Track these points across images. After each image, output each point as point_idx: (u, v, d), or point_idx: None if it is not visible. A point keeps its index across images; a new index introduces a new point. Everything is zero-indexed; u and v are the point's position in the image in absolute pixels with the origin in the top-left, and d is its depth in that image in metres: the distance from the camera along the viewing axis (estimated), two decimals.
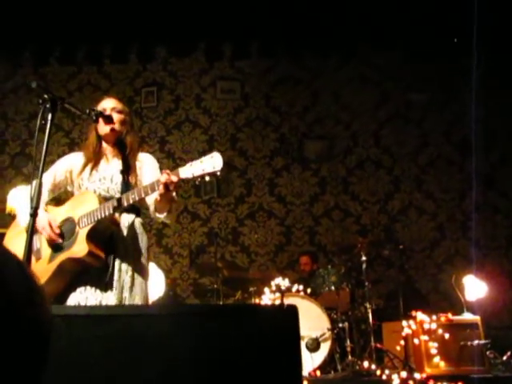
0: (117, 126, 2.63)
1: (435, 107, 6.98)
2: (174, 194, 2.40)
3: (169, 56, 7.37)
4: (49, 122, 2.09)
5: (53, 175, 2.66)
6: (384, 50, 6.94)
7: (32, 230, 1.98)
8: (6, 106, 7.39)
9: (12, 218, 2.65)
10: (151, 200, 2.51)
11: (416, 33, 6.54)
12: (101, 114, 2.52)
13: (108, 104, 2.69)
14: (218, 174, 2.16)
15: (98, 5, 6.08)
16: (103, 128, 2.62)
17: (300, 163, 7.01)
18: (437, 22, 6.33)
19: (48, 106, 2.09)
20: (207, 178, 2.18)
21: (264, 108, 7.23)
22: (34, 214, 1.99)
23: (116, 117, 2.64)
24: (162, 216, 2.49)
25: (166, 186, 2.22)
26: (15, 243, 2.52)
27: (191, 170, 2.19)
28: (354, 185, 6.90)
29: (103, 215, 2.36)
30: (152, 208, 2.54)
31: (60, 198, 2.85)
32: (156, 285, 5.09)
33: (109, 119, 2.57)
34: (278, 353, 1.35)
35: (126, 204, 2.36)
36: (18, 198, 2.55)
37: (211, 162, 2.17)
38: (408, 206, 6.79)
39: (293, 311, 1.41)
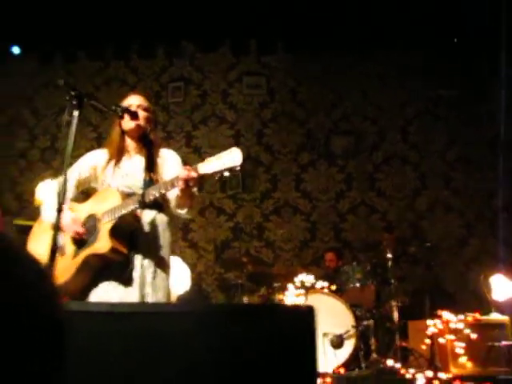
0: (142, 123, 2.65)
1: (465, 104, 6.85)
2: (195, 189, 2.41)
3: (196, 51, 7.39)
4: (75, 119, 2.12)
5: (78, 172, 2.69)
6: (413, 48, 6.82)
7: (58, 226, 2.01)
8: (36, 101, 7.53)
9: (40, 211, 2.70)
10: (172, 196, 2.52)
11: (444, 30, 6.44)
12: (126, 110, 2.54)
13: (134, 101, 2.71)
14: (238, 169, 2.16)
15: (127, 2, 6.14)
16: (128, 123, 2.63)
17: (326, 159, 6.97)
18: (463, 21, 6.22)
19: (75, 102, 2.13)
20: (226, 174, 2.18)
21: (290, 103, 7.20)
22: (59, 210, 2.03)
23: (141, 114, 2.66)
24: (183, 212, 2.51)
25: (186, 181, 2.23)
26: (41, 239, 2.57)
27: (210, 165, 2.20)
28: (380, 181, 6.83)
29: (125, 212, 2.39)
30: (173, 204, 2.56)
31: (88, 193, 2.89)
32: (181, 279, 5.13)
33: (134, 115, 2.59)
34: (294, 353, 1.35)
35: (147, 200, 2.38)
36: (45, 191, 2.60)
37: (231, 158, 2.17)
38: (435, 202, 6.70)
39: (310, 312, 1.40)
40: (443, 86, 6.87)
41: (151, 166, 2.62)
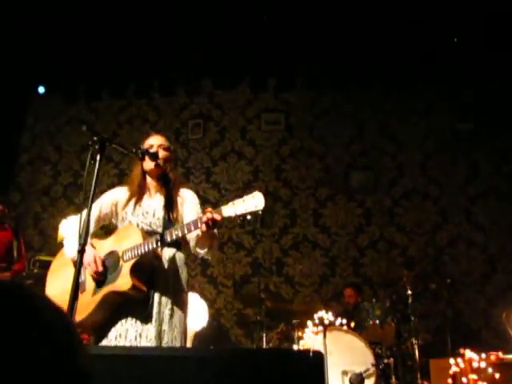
0: (161, 163, 2.72)
1: (484, 137, 6.83)
2: (216, 230, 2.46)
3: (214, 89, 7.55)
4: (97, 163, 2.20)
5: (99, 208, 2.75)
6: (428, 80, 6.88)
7: (80, 266, 2.06)
8: (59, 138, 7.73)
9: (62, 246, 2.76)
10: (192, 235, 2.56)
11: (462, 61, 6.49)
12: (147, 152, 2.62)
13: (155, 141, 2.79)
14: (260, 213, 2.21)
15: (147, 41, 6.35)
16: (148, 164, 2.71)
17: (345, 194, 6.98)
18: (480, 49, 6.28)
19: (97, 147, 2.20)
20: (249, 217, 2.23)
21: (308, 139, 7.27)
22: (81, 251, 2.08)
23: (162, 154, 2.73)
24: (202, 252, 2.55)
25: (208, 224, 2.27)
26: (60, 274, 2.62)
27: (234, 208, 2.25)
28: (399, 216, 6.80)
29: (147, 250, 2.43)
30: (193, 243, 2.60)
31: (109, 228, 2.94)
32: (199, 316, 5.13)
33: (154, 157, 2.66)
34: None
35: (169, 240, 2.43)
36: (68, 228, 2.66)
37: (253, 202, 2.22)
38: (456, 237, 6.62)
39: (319, 358, 1.41)
40: (460, 120, 6.88)
41: (170, 205, 2.68)
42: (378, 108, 7.21)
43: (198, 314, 5.11)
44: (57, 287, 2.57)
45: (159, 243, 2.44)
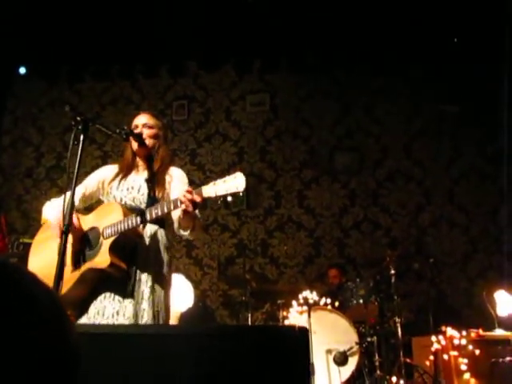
0: (147, 142, 2.71)
1: (468, 119, 6.88)
2: (197, 212, 2.45)
3: (199, 69, 7.49)
4: (81, 143, 2.18)
5: (84, 187, 2.77)
6: (414, 62, 6.89)
7: (64, 247, 2.05)
8: (42, 119, 7.64)
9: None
10: (175, 216, 2.56)
11: (446, 44, 6.51)
12: (130, 133, 2.60)
13: (140, 120, 2.79)
14: (241, 194, 2.20)
15: (130, 22, 6.27)
16: (134, 144, 2.71)
17: (329, 175, 7.00)
18: (468, 34, 6.30)
19: (80, 127, 2.19)
20: (229, 199, 2.21)
21: (293, 120, 7.26)
22: (66, 232, 2.07)
23: (146, 132, 2.72)
24: (185, 233, 2.54)
25: (188, 204, 2.25)
26: (42, 248, 2.61)
27: (214, 189, 2.23)
28: (383, 197, 6.85)
29: (127, 227, 2.41)
30: (176, 224, 2.59)
31: (91, 205, 2.93)
32: (184, 297, 5.15)
33: (138, 137, 2.65)
34: (287, 374, 1.37)
35: (149, 218, 2.42)
36: (51, 210, 2.64)
37: (234, 183, 2.19)
38: (439, 218, 6.70)
39: (304, 333, 1.43)
40: (446, 102, 6.91)
41: (155, 182, 2.67)
42: (363, 90, 7.20)
43: (183, 295, 5.14)
44: (38, 262, 2.56)
45: (139, 221, 2.42)
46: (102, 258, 2.42)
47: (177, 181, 2.75)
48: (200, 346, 1.41)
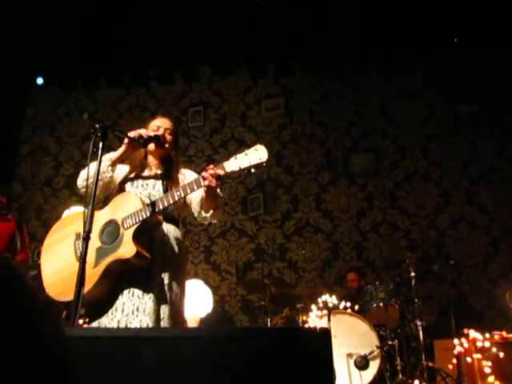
0: (166, 145, 2.73)
1: (485, 119, 6.80)
2: (219, 190, 2.43)
3: (214, 75, 7.52)
4: (100, 150, 2.20)
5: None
6: (430, 62, 6.84)
7: (85, 253, 2.06)
8: (60, 129, 7.73)
9: None
10: (196, 201, 2.55)
11: (460, 44, 6.46)
12: (149, 139, 2.61)
13: (162, 123, 2.80)
14: (264, 165, 2.17)
15: (144, 29, 6.32)
16: (151, 145, 2.69)
17: (346, 178, 6.97)
18: (478, 34, 6.24)
19: (99, 134, 2.20)
20: (253, 171, 2.19)
21: (309, 123, 7.25)
22: (87, 238, 2.08)
23: (168, 138, 2.74)
24: (208, 215, 2.53)
25: (211, 179, 2.24)
26: (53, 251, 2.58)
27: (237, 163, 2.21)
28: (401, 199, 6.80)
29: (148, 215, 2.38)
30: (197, 208, 2.58)
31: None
32: (203, 302, 5.16)
33: (158, 139, 2.65)
34: (310, 377, 1.36)
35: (171, 201, 2.39)
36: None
37: (257, 154, 2.19)
38: (459, 219, 6.62)
39: (326, 334, 1.42)
40: (462, 102, 6.84)
41: (170, 179, 2.67)
42: (378, 91, 7.17)
43: (202, 300, 5.14)
44: (53, 266, 2.53)
45: (161, 205, 2.39)
46: (126, 248, 2.35)
47: (189, 179, 2.76)
48: (222, 348, 1.40)
